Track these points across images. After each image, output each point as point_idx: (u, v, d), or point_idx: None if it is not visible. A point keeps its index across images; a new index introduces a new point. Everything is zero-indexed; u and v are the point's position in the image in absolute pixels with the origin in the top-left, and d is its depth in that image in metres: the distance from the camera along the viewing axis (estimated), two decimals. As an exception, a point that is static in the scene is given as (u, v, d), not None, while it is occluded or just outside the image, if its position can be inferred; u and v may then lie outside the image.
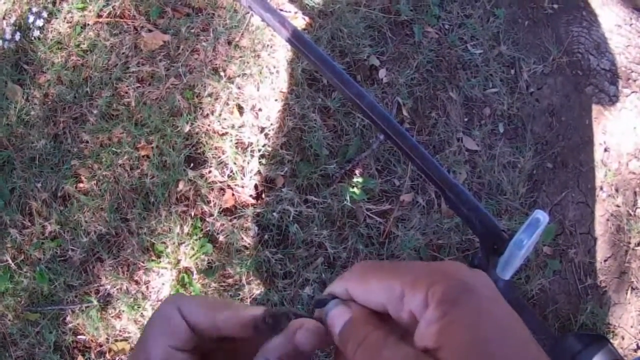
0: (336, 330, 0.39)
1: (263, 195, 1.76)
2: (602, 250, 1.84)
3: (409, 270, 0.36)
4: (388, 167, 1.82)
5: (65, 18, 1.92)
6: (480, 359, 0.31)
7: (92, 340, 1.65)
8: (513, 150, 1.90)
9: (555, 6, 2.11)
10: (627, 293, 1.81)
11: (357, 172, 1.80)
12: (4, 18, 1.92)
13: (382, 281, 0.37)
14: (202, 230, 1.71)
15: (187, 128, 1.78)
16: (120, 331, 1.65)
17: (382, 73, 1.92)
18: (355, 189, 1.76)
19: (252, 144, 1.80)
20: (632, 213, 1.88)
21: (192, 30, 1.91)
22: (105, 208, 1.71)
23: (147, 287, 1.69)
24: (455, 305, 0.33)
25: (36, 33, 1.88)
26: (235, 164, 1.77)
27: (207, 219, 1.73)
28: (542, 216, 0.80)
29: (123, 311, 1.65)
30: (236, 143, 1.80)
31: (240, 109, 1.84)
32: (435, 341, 0.32)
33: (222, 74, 1.86)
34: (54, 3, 1.95)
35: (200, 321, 0.42)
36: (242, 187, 1.77)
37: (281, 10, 1.96)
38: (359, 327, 0.38)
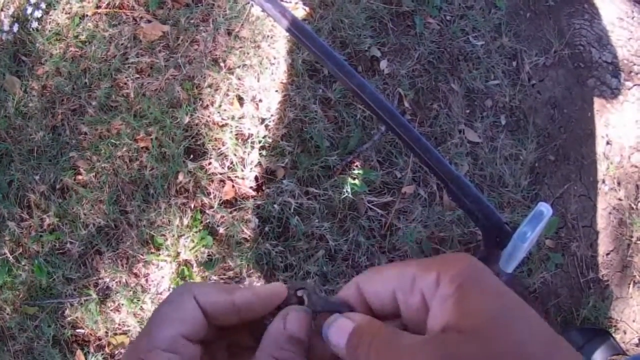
0: (342, 343, 0.36)
1: (263, 187, 1.75)
2: (604, 244, 1.83)
3: (422, 259, 0.37)
4: (389, 159, 1.81)
5: (63, 9, 1.90)
6: (504, 326, 0.31)
7: (91, 334, 1.65)
8: (515, 143, 1.89)
9: (558, -3, 2.09)
10: (629, 287, 1.81)
11: (358, 164, 1.79)
12: (1, 9, 1.90)
13: (394, 269, 0.37)
14: (202, 222, 1.70)
15: (186, 119, 1.77)
16: (119, 325, 1.65)
17: (383, 64, 1.91)
18: (356, 181, 1.75)
19: (252, 135, 1.79)
20: (634, 206, 1.87)
21: (192, 21, 1.89)
22: (104, 200, 1.70)
23: (147, 280, 1.68)
24: (469, 280, 0.33)
25: (34, 24, 1.87)
26: (235, 155, 1.76)
27: (207, 211, 1.72)
28: (545, 209, 0.79)
29: (122, 304, 1.65)
30: (236, 134, 1.79)
31: (240, 100, 1.83)
32: (453, 313, 0.32)
33: (222, 64, 1.85)
34: (51, -7, 1.93)
35: (219, 304, 0.40)
36: (243, 179, 1.76)
37: (282, 0, 1.94)
38: (367, 328, 0.36)
